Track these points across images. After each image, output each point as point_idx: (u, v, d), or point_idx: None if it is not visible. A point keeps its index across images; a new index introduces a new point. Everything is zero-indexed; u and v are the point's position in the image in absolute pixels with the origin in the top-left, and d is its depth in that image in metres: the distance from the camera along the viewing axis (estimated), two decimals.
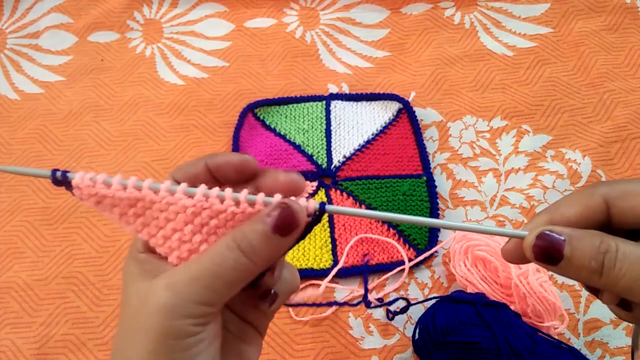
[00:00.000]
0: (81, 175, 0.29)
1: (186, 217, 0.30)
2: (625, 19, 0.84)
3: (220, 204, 0.30)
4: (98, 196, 0.30)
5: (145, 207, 0.30)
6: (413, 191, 0.68)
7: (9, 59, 0.83)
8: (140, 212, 0.30)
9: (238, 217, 0.30)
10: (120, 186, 0.30)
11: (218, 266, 0.28)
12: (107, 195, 0.30)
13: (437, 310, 0.55)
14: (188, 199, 0.30)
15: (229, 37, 0.84)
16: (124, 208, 0.30)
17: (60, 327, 0.61)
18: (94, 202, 0.30)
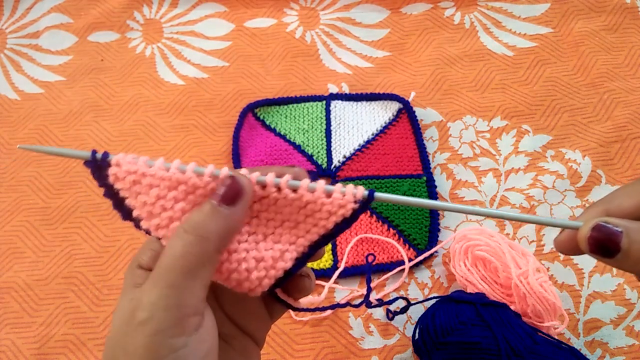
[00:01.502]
0: (122, 155, 0.29)
1: None
2: (625, 19, 0.84)
3: (262, 190, 0.29)
4: (138, 175, 0.29)
5: (187, 191, 0.29)
6: (413, 191, 0.68)
7: (9, 59, 0.83)
8: (181, 197, 0.29)
9: (280, 202, 0.29)
10: (163, 167, 0.28)
11: (169, 257, 0.27)
12: (148, 174, 0.28)
13: (437, 310, 0.55)
14: None
15: (229, 37, 0.84)
16: (163, 190, 0.29)
17: (60, 327, 0.61)
18: (130, 182, 0.29)
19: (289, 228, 0.30)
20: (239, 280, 0.29)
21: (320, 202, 0.29)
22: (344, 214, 0.29)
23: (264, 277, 0.29)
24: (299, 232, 0.30)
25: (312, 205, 0.29)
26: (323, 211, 0.29)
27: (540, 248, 0.65)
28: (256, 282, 0.29)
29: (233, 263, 0.29)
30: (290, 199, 0.29)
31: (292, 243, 0.30)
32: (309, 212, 0.30)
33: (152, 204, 0.29)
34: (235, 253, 0.29)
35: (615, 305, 0.62)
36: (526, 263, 0.57)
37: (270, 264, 0.29)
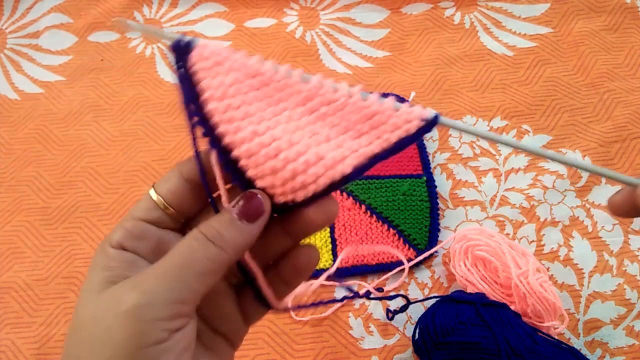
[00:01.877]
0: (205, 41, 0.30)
1: (299, 100, 0.30)
2: (625, 19, 0.84)
3: (334, 93, 0.30)
4: (222, 57, 0.30)
5: (263, 82, 0.30)
6: (413, 191, 0.68)
7: (9, 59, 0.83)
8: (256, 86, 0.30)
9: (348, 109, 0.30)
10: (246, 56, 0.30)
11: (186, 258, 0.28)
12: (232, 58, 0.30)
13: (437, 310, 0.55)
14: (305, 83, 0.30)
15: (229, 37, 0.84)
16: (241, 76, 0.30)
17: (60, 327, 0.61)
18: (213, 62, 0.30)
19: (352, 137, 0.30)
20: (295, 171, 0.29)
21: (388, 113, 0.30)
22: (408, 129, 0.30)
23: (321, 174, 0.29)
24: (361, 141, 0.30)
25: (380, 116, 0.30)
26: (389, 124, 0.30)
27: (540, 248, 0.65)
28: (312, 178, 0.29)
29: (293, 153, 0.29)
30: (360, 106, 0.30)
31: (354, 151, 0.30)
32: (375, 124, 0.30)
33: (229, 85, 0.30)
34: (296, 146, 0.29)
35: (615, 305, 0.62)
36: (526, 263, 0.57)
37: (330, 164, 0.29)
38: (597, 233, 0.66)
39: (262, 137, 0.29)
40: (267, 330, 0.61)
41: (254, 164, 0.29)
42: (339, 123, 0.30)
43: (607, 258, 0.65)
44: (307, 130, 0.30)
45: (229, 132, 0.29)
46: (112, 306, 0.26)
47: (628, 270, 0.64)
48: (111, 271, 0.29)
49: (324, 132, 0.30)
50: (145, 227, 0.31)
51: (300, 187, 0.29)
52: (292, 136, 0.29)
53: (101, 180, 0.71)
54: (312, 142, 0.30)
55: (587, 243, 0.66)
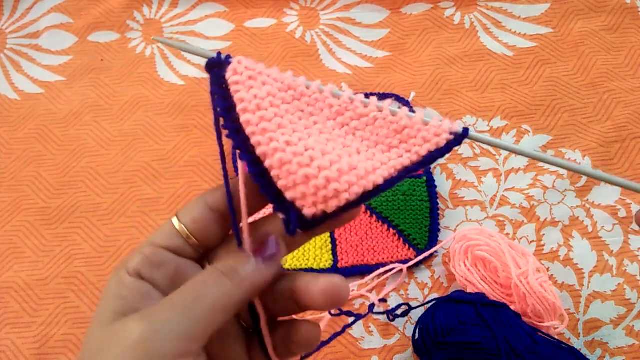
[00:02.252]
0: (243, 58, 0.31)
1: (330, 114, 0.32)
2: (625, 19, 0.84)
3: (364, 107, 0.31)
4: (256, 72, 0.31)
5: (294, 97, 0.32)
6: (413, 191, 0.68)
7: (9, 59, 0.83)
8: (288, 100, 0.31)
9: (378, 123, 0.31)
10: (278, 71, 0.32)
11: (199, 291, 0.27)
12: (266, 73, 0.31)
13: (437, 310, 0.55)
14: (336, 98, 0.31)
15: (229, 37, 0.84)
16: (274, 90, 0.31)
17: (60, 327, 0.61)
18: (247, 76, 0.31)
19: (381, 151, 0.31)
20: (329, 178, 0.29)
21: (417, 127, 0.30)
22: (438, 143, 0.30)
23: (354, 183, 0.29)
24: (391, 155, 0.31)
25: (409, 130, 0.31)
26: (418, 138, 0.30)
27: (540, 248, 0.65)
28: (345, 186, 0.29)
29: (326, 162, 0.29)
30: (389, 120, 0.31)
31: (384, 163, 0.31)
32: (404, 138, 0.31)
33: (262, 98, 0.31)
34: (329, 155, 0.30)
35: (615, 305, 0.62)
36: (526, 263, 0.57)
37: (362, 174, 0.30)
38: (597, 233, 0.66)
39: (295, 147, 0.30)
40: None
41: (287, 173, 0.29)
42: (369, 137, 0.31)
43: (607, 258, 0.65)
44: (338, 142, 0.31)
45: (262, 143, 0.30)
46: (119, 339, 0.26)
47: (628, 270, 0.64)
48: (123, 301, 0.28)
49: (354, 145, 0.31)
50: (164, 255, 0.31)
51: (333, 195, 0.29)
52: (325, 147, 0.30)
53: (101, 180, 0.71)
54: (344, 153, 0.30)
55: (587, 243, 0.66)
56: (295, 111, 0.31)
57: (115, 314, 0.28)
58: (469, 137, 0.31)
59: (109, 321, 0.27)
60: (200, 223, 0.31)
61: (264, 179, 0.30)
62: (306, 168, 0.29)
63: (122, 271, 0.30)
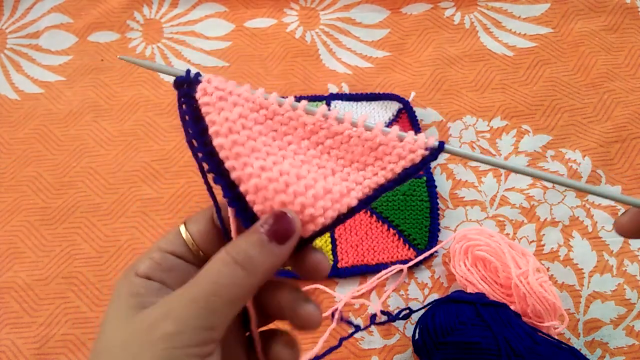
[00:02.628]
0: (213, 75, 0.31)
1: (304, 133, 0.31)
2: (625, 19, 0.84)
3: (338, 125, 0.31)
4: (226, 92, 0.30)
5: (267, 116, 0.31)
6: (413, 191, 0.68)
7: (9, 59, 0.83)
8: (261, 120, 0.31)
9: (353, 141, 0.31)
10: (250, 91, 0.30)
11: (215, 284, 0.27)
12: (236, 92, 0.30)
13: (437, 310, 0.55)
14: (309, 116, 0.31)
15: (229, 37, 0.84)
16: (245, 110, 0.30)
17: (60, 327, 0.61)
18: (217, 97, 0.30)
19: (357, 169, 0.31)
20: (304, 204, 0.29)
21: (392, 144, 0.30)
22: (413, 159, 0.30)
23: (329, 208, 0.30)
24: (366, 174, 0.31)
25: (384, 147, 0.30)
26: (393, 154, 0.30)
27: (540, 248, 0.65)
28: (320, 211, 0.29)
29: (301, 187, 0.29)
30: (364, 137, 0.30)
31: (359, 183, 0.31)
32: (380, 155, 0.31)
33: (234, 120, 0.30)
34: (304, 179, 0.30)
35: (615, 305, 0.62)
36: (526, 263, 0.57)
37: (336, 198, 0.30)
38: (597, 233, 0.66)
39: (270, 172, 0.29)
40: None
41: (262, 199, 0.29)
42: (344, 156, 0.31)
43: (607, 258, 0.65)
44: (313, 163, 0.31)
45: (236, 168, 0.30)
46: (144, 333, 0.27)
47: (628, 270, 0.64)
48: (140, 297, 0.29)
49: (329, 165, 0.31)
50: (172, 259, 0.31)
51: (309, 220, 0.29)
52: (300, 170, 0.30)
53: (101, 180, 0.71)
54: (318, 176, 0.30)
55: (587, 243, 0.66)
56: (268, 132, 0.31)
57: (132, 308, 0.28)
58: (445, 150, 0.30)
59: (128, 316, 0.28)
60: (205, 236, 0.32)
61: (239, 202, 0.30)
62: (282, 194, 0.29)
63: (131, 274, 0.30)
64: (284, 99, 0.31)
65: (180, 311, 0.27)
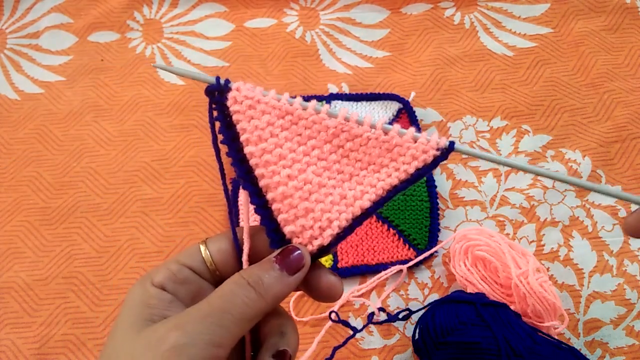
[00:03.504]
0: (242, 82, 0.32)
1: (326, 137, 0.33)
2: (625, 19, 0.84)
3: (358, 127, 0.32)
4: (254, 100, 0.32)
5: (292, 121, 0.32)
6: (413, 191, 0.68)
7: (9, 59, 0.83)
8: (287, 126, 0.32)
9: (371, 143, 0.32)
10: (276, 97, 0.32)
11: (227, 302, 0.29)
12: (264, 101, 0.32)
13: (437, 310, 0.55)
14: (331, 119, 0.32)
15: (229, 37, 0.84)
16: (273, 118, 0.32)
17: (60, 327, 0.61)
18: (247, 106, 0.32)
19: (373, 171, 0.33)
20: (324, 210, 0.32)
21: (406, 145, 0.32)
22: (425, 159, 0.32)
23: (344, 211, 0.32)
24: (380, 175, 0.33)
25: (399, 148, 0.32)
26: (407, 155, 0.32)
27: (540, 248, 0.65)
28: (336, 215, 0.32)
29: (321, 195, 0.32)
30: (381, 139, 0.32)
31: (373, 186, 0.33)
32: (394, 156, 0.32)
33: (263, 128, 0.32)
34: (325, 188, 0.32)
35: (615, 305, 0.62)
36: (526, 263, 0.57)
37: (351, 202, 0.33)
38: (597, 233, 0.66)
39: (296, 180, 0.32)
40: None
41: (288, 207, 0.32)
42: (362, 158, 0.33)
43: (607, 258, 0.65)
44: (333, 169, 0.33)
45: (265, 176, 0.32)
46: (153, 345, 0.28)
47: (628, 270, 0.64)
48: (150, 309, 0.30)
49: (347, 169, 0.33)
50: (188, 273, 0.33)
51: (327, 224, 0.32)
52: (321, 178, 0.32)
53: (101, 180, 0.71)
54: (337, 182, 0.33)
55: (587, 243, 0.66)
56: (293, 136, 0.33)
57: (143, 320, 0.29)
58: (455, 150, 0.32)
59: (138, 327, 0.29)
60: (224, 255, 0.34)
61: (266, 210, 0.32)
62: (305, 202, 0.32)
63: (147, 282, 0.31)
64: (307, 103, 0.32)
65: (192, 325, 0.28)
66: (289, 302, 0.62)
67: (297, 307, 0.62)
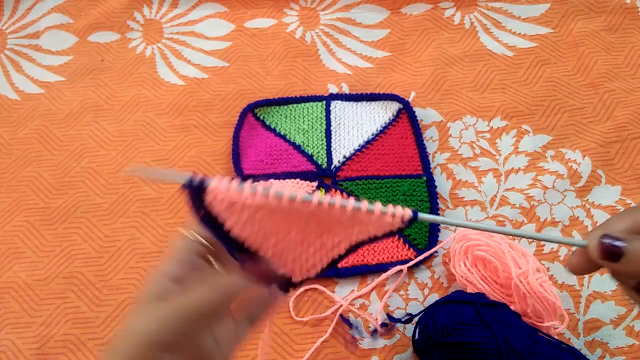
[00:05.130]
0: (217, 180, 0.33)
1: (303, 217, 0.35)
2: (625, 19, 0.84)
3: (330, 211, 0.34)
4: (234, 198, 0.33)
5: (271, 210, 0.34)
6: (413, 191, 0.68)
7: (9, 59, 0.83)
8: (266, 214, 0.34)
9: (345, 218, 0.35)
10: (252, 192, 0.33)
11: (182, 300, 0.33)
12: (242, 197, 0.33)
13: (437, 311, 0.55)
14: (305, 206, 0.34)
15: (229, 37, 0.84)
16: (252, 210, 0.34)
17: (60, 327, 0.61)
18: (227, 204, 0.34)
19: (347, 227, 0.36)
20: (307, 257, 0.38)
21: (375, 220, 0.35)
22: (392, 226, 0.36)
23: (324, 256, 0.38)
24: (354, 231, 0.36)
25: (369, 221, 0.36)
26: (376, 226, 0.36)
27: (540, 248, 0.65)
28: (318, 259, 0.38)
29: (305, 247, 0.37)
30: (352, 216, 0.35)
31: (348, 237, 0.37)
32: (365, 223, 0.36)
33: (244, 221, 0.34)
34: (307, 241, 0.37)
35: (615, 305, 0.62)
36: (526, 263, 0.57)
37: (329, 248, 0.37)
38: None
39: (282, 242, 0.36)
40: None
41: (277, 259, 0.37)
42: (337, 223, 0.36)
43: None
44: (312, 228, 0.36)
45: (254, 245, 0.36)
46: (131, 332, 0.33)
47: None
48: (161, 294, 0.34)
49: (325, 227, 0.36)
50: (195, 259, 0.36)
51: (311, 267, 0.38)
52: (302, 236, 0.36)
53: (101, 180, 0.71)
54: (316, 236, 0.37)
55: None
56: (275, 217, 0.35)
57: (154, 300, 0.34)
58: (419, 219, 0.36)
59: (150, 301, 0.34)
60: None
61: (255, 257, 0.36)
62: (292, 253, 0.37)
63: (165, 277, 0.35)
64: (281, 192, 0.33)
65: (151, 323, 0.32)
66: (289, 302, 0.62)
67: (297, 307, 0.62)
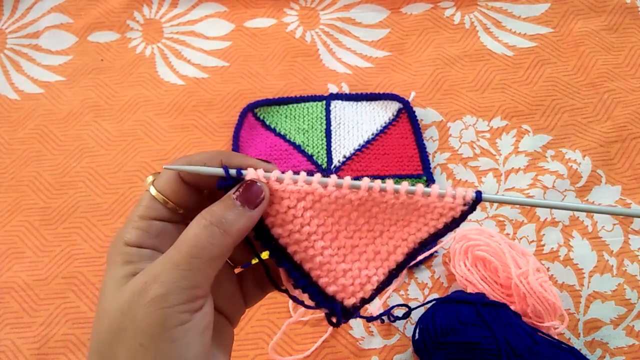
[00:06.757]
0: (253, 170, 0.31)
1: (352, 207, 0.33)
2: (625, 19, 0.84)
3: (382, 196, 0.32)
4: (273, 187, 0.32)
5: (314, 200, 0.32)
6: None
7: (9, 59, 0.83)
8: (309, 206, 0.32)
9: (397, 206, 0.33)
10: (291, 180, 0.32)
11: (194, 247, 0.30)
12: (280, 188, 0.32)
13: (437, 311, 0.55)
14: (354, 193, 0.32)
15: (229, 37, 0.84)
16: (293, 201, 0.32)
17: (60, 327, 0.61)
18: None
19: (402, 225, 0.33)
20: (360, 268, 0.34)
21: (432, 205, 0.32)
22: (453, 215, 0.33)
23: (380, 266, 0.34)
24: (410, 229, 0.33)
25: (425, 207, 0.33)
26: (435, 213, 0.33)
27: (540, 248, 0.65)
28: (373, 271, 0.34)
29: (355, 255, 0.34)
30: (407, 203, 0.32)
31: (405, 239, 0.34)
32: (422, 212, 0.33)
33: (285, 212, 0.32)
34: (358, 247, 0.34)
35: (615, 305, 0.62)
36: (526, 263, 0.57)
37: (385, 257, 0.34)
38: (597, 233, 0.66)
39: (330, 249, 0.33)
40: (267, 330, 0.61)
41: (327, 271, 0.33)
42: (390, 217, 0.33)
43: (607, 258, 0.65)
44: (363, 229, 0.33)
45: (298, 252, 0.33)
46: (136, 298, 0.29)
47: (628, 270, 0.64)
48: (133, 264, 0.31)
49: (377, 227, 0.34)
50: (158, 225, 0.33)
51: (366, 280, 0.34)
52: (352, 240, 0.33)
53: (101, 180, 0.71)
54: (368, 240, 0.34)
55: (587, 243, 0.66)
56: (318, 213, 0.33)
57: (127, 276, 0.31)
58: (483, 199, 0.32)
59: (123, 283, 0.30)
60: (178, 192, 0.33)
61: (306, 279, 0.33)
62: (342, 264, 0.33)
63: (120, 243, 0.32)
64: (326, 179, 0.32)
65: (166, 275, 0.29)
66: (289, 302, 0.62)
67: (297, 306, 0.62)
